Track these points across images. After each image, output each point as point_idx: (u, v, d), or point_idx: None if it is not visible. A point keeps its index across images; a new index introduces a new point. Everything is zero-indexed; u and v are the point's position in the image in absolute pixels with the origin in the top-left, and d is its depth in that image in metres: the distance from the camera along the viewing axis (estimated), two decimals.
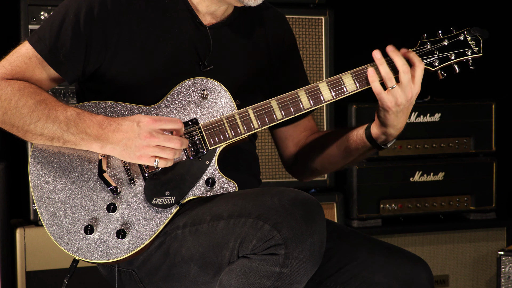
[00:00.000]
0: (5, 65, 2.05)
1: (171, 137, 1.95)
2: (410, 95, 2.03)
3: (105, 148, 1.98)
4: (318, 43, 3.58)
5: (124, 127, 1.96)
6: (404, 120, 2.08)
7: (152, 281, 2.05)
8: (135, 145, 1.95)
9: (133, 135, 1.95)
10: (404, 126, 2.11)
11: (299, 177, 2.36)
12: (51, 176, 2.03)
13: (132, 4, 2.09)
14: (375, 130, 2.11)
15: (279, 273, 1.83)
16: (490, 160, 3.86)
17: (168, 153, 1.95)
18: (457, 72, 2.12)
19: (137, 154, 1.95)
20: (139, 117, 1.96)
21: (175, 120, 1.97)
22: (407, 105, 2.04)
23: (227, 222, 1.91)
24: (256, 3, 2.11)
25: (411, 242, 3.74)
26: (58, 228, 2.00)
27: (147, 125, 1.94)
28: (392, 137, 2.11)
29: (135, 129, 1.95)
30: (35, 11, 3.19)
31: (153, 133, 1.94)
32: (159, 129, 1.95)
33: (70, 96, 3.25)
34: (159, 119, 1.96)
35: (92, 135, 1.97)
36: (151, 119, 1.95)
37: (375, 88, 2.02)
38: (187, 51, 2.12)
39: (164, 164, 1.97)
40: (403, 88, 2.02)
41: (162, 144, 1.94)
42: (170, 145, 1.95)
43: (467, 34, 2.12)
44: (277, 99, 2.06)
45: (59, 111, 1.99)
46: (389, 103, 2.03)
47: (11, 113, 2.00)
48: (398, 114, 2.05)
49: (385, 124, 2.07)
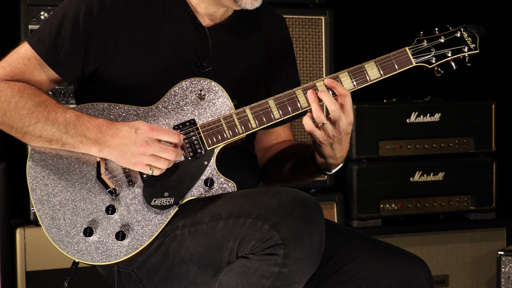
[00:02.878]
0: (4, 66, 2.05)
1: (166, 148, 1.95)
2: (342, 127, 2.02)
3: (103, 152, 1.98)
4: (318, 43, 3.58)
5: (123, 133, 1.96)
6: (342, 150, 2.08)
7: (152, 282, 2.05)
8: (131, 152, 1.95)
9: (130, 142, 1.95)
10: (345, 155, 2.11)
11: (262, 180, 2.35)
12: (49, 178, 2.03)
13: (131, 5, 2.09)
14: (317, 159, 2.13)
15: (278, 273, 1.83)
16: (490, 160, 3.86)
17: (162, 163, 1.96)
18: (454, 69, 2.12)
19: (132, 161, 1.96)
20: (138, 124, 1.96)
21: (174, 133, 1.97)
22: (340, 136, 2.04)
23: (226, 222, 1.91)
24: (253, 7, 2.10)
25: (411, 242, 3.74)
26: (57, 231, 2.00)
27: (145, 133, 1.95)
28: (334, 166, 2.12)
29: (132, 136, 1.95)
30: (35, 11, 3.19)
31: (149, 142, 1.94)
32: (155, 139, 1.95)
33: (70, 96, 3.26)
34: (158, 129, 1.96)
35: (91, 138, 1.97)
36: (149, 128, 1.95)
37: (307, 125, 2.02)
38: (186, 52, 2.12)
39: (158, 173, 1.97)
40: (334, 122, 2.02)
41: (156, 153, 1.95)
42: (165, 155, 1.95)
43: (464, 31, 2.13)
44: (275, 99, 2.06)
45: (58, 113, 1.99)
46: (321, 138, 2.04)
47: (10, 115, 2.00)
48: (333, 146, 2.06)
49: (322, 155, 2.09)
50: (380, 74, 2.09)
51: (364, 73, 2.08)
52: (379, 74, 2.09)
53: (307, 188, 3.62)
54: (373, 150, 3.74)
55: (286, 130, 2.35)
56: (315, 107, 2.02)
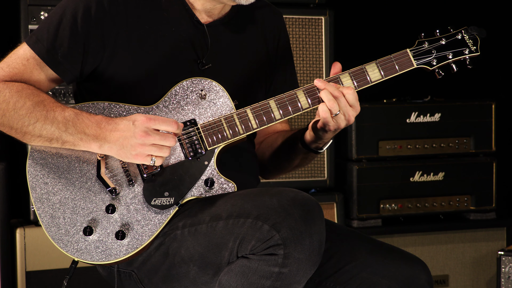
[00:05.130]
0: (3, 67, 2.05)
1: (166, 135, 1.95)
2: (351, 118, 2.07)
3: (103, 148, 1.98)
4: (318, 43, 3.58)
5: (121, 126, 1.96)
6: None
7: (152, 282, 2.05)
8: (131, 144, 1.95)
9: (129, 134, 1.95)
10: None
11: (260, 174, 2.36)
12: (49, 177, 2.03)
13: (129, 4, 2.09)
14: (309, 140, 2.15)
15: (278, 273, 1.83)
16: (490, 160, 3.86)
17: (164, 151, 1.96)
18: (454, 71, 2.13)
19: (133, 153, 1.96)
20: (135, 116, 1.96)
21: (171, 121, 1.97)
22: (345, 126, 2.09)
23: (226, 223, 1.91)
24: (248, 2, 2.11)
25: (411, 242, 3.74)
26: (57, 229, 2.00)
27: (142, 124, 1.95)
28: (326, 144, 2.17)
29: (131, 128, 1.95)
30: (35, 11, 3.19)
31: (148, 131, 1.94)
32: (153, 128, 1.95)
33: (69, 96, 3.26)
34: (154, 118, 1.96)
35: (91, 135, 1.97)
36: (146, 118, 1.95)
37: (324, 112, 2.04)
38: (185, 49, 2.12)
39: (160, 162, 1.97)
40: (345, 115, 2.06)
41: (157, 142, 1.95)
42: (166, 143, 1.95)
43: (465, 33, 2.13)
44: (275, 99, 2.07)
45: (57, 112, 1.99)
46: (332, 126, 2.06)
47: (9, 115, 2.00)
48: (335, 132, 2.10)
49: (322, 138, 2.12)
50: (381, 75, 2.09)
51: (365, 74, 2.08)
52: (380, 76, 2.09)
53: (307, 188, 3.62)
54: (373, 150, 3.74)
55: (283, 124, 2.35)
56: (328, 97, 2.03)
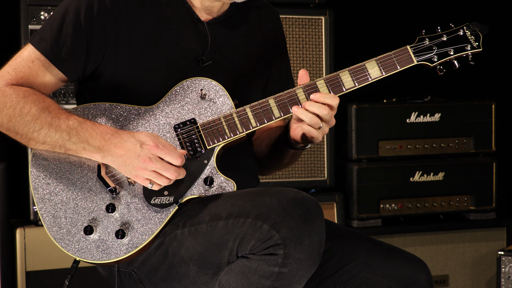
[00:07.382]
0: (9, 71, 2.06)
1: (168, 167, 1.96)
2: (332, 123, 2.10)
3: (106, 159, 1.99)
4: (318, 43, 3.59)
5: (127, 145, 1.97)
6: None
7: (152, 281, 2.05)
8: (133, 164, 1.96)
9: (133, 155, 1.95)
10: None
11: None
12: (51, 177, 2.03)
13: (130, 3, 2.09)
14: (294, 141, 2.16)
15: (278, 273, 1.83)
16: (490, 160, 3.86)
17: (162, 180, 1.97)
18: (456, 68, 2.11)
19: (133, 173, 1.97)
20: (144, 138, 1.97)
21: (176, 155, 1.96)
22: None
23: (226, 222, 1.91)
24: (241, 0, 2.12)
25: (411, 242, 3.74)
26: (58, 229, 2.00)
27: (149, 150, 1.95)
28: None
29: (137, 150, 1.96)
30: (35, 11, 3.19)
31: (152, 159, 1.95)
32: (159, 156, 1.96)
33: (70, 96, 3.26)
34: (162, 146, 1.96)
35: (94, 145, 1.98)
36: (155, 145, 1.95)
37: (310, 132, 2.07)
38: (186, 47, 2.13)
39: (157, 188, 1.99)
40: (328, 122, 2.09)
41: (158, 171, 1.95)
42: (166, 174, 1.96)
43: (466, 30, 2.12)
44: (275, 98, 2.07)
45: (61, 120, 1.99)
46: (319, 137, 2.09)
47: (15, 121, 2.01)
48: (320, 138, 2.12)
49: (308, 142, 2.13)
50: (381, 72, 2.09)
51: (365, 71, 2.08)
52: (380, 73, 2.09)
53: (307, 188, 3.62)
54: (373, 150, 3.74)
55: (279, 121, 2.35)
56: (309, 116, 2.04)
